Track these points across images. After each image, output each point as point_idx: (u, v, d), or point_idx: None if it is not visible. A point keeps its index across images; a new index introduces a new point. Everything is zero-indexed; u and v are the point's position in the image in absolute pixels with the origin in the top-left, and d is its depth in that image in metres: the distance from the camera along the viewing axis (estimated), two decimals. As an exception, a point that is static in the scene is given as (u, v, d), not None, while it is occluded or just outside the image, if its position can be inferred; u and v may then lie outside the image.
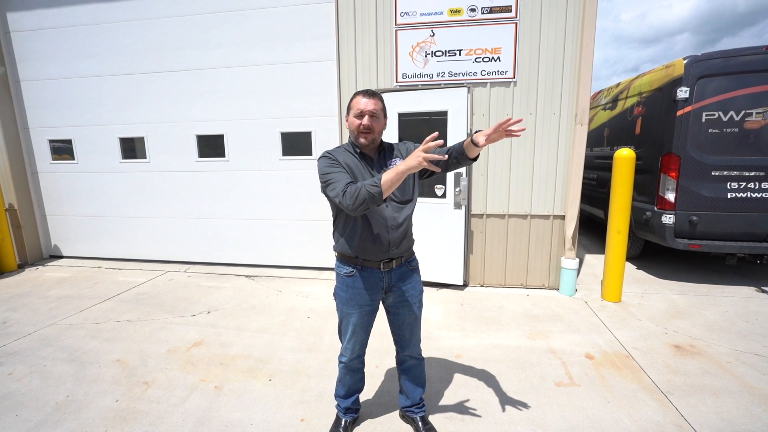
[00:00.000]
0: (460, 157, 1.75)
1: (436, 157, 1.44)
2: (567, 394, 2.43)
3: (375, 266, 1.82)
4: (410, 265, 1.95)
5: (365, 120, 1.72)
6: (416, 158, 1.46)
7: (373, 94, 1.75)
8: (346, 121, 1.81)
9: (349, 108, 1.79)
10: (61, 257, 5.64)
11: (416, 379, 2.10)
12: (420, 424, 2.08)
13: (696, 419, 2.18)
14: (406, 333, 2.00)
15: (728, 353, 2.88)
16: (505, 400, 2.37)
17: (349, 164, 1.75)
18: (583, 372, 2.66)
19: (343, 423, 2.09)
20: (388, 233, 1.79)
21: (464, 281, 4.30)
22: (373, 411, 2.28)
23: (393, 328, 2.03)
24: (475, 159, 1.76)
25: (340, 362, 2.03)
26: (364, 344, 2.00)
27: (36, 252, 5.52)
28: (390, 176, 1.51)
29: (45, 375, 2.68)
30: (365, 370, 2.14)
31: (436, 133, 1.49)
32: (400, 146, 1.93)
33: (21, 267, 5.24)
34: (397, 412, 2.25)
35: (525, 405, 2.32)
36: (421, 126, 4.23)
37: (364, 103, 1.72)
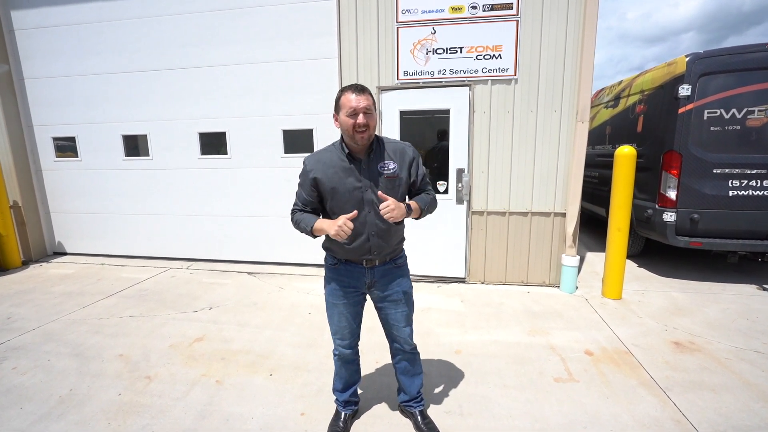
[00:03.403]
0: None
1: (343, 232, 1.63)
2: (566, 389, 2.44)
3: (358, 262, 1.85)
4: (395, 263, 1.91)
5: (360, 119, 1.63)
6: (333, 227, 1.64)
7: (362, 89, 1.66)
8: (335, 120, 1.72)
9: (338, 107, 1.69)
10: (65, 254, 5.69)
11: (411, 373, 2.11)
12: (419, 418, 2.09)
13: (694, 415, 2.19)
14: (393, 329, 2.00)
15: (728, 350, 2.89)
16: (504, 395, 2.38)
17: (327, 175, 1.73)
18: (582, 368, 2.67)
19: (342, 417, 2.11)
20: (369, 240, 1.78)
21: (465, 277, 4.32)
22: (372, 405, 2.30)
23: (382, 323, 2.04)
24: (415, 218, 1.89)
25: (335, 355, 2.06)
26: (354, 334, 2.01)
27: (40, 249, 5.57)
28: (317, 228, 1.75)
29: (48, 369, 2.71)
30: (364, 365, 2.16)
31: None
32: (393, 145, 1.83)
33: (25, 264, 5.28)
34: (396, 407, 2.27)
35: (524, 400, 2.34)
36: (423, 124, 4.25)
37: (356, 100, 1.63)
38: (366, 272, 1.85)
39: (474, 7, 3.86)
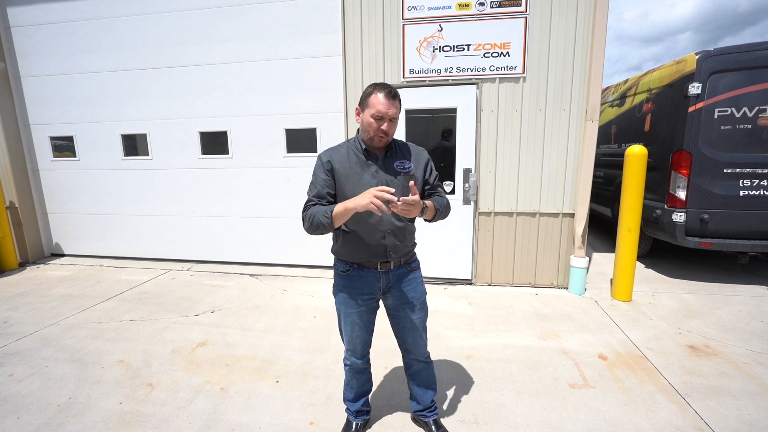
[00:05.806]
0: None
1: (386, 197, 1.43)
2: (582, 395, 2.37)
3: (372, 266, 1.76)
4: (410, 266, 1.86)
5: (384, 126, 1.60)
6: (366, 198, 1.46)
7: (395, 95, 1.61)
8: (358, 116, 1.69)
9: (366, 104, 1.63)
10: (63, 255, 5.58)
11: (425, 383, 2.03)
12: (433, 427, 2.01)
13: (717, 422, 2.12)
14: (408, 337, 1.92)
15: (745, 354, 2.82)
16: (519, 402, 2.31)
17: (344, 167, 1.67)
18: (597, 373, 2.60)
19: (354, 427, 2.03)
20: (385, 238, 1.71)
21: (472, 278, 4.24)
22: (384, 414, 2.22)
23: (395, 331, 1.96)
24: (427, 220, 1.79)
25: (345, 365, 1.97)
26: (367, 344, 1.93)
27: (37, 250, 5.47)
28: (340, 210, 1.55)
29: (46, 376, 2.62)
30: (373, 371, 2.07)
31: (392, 189, 1.47)
32: (413, 149, 1.82)
33: (22, 265, 5.18)
34: (408, 415, 2.19)
35: (539, 407, 2.26)
36: (428, 123, 4.17)
37: (386, 106, 1.58)
38: (381, 277, 1.77)
39: (482, 4, 3.78)
